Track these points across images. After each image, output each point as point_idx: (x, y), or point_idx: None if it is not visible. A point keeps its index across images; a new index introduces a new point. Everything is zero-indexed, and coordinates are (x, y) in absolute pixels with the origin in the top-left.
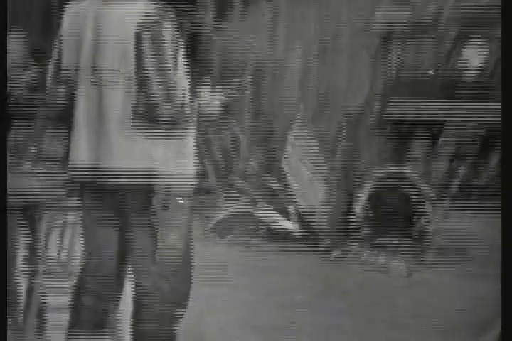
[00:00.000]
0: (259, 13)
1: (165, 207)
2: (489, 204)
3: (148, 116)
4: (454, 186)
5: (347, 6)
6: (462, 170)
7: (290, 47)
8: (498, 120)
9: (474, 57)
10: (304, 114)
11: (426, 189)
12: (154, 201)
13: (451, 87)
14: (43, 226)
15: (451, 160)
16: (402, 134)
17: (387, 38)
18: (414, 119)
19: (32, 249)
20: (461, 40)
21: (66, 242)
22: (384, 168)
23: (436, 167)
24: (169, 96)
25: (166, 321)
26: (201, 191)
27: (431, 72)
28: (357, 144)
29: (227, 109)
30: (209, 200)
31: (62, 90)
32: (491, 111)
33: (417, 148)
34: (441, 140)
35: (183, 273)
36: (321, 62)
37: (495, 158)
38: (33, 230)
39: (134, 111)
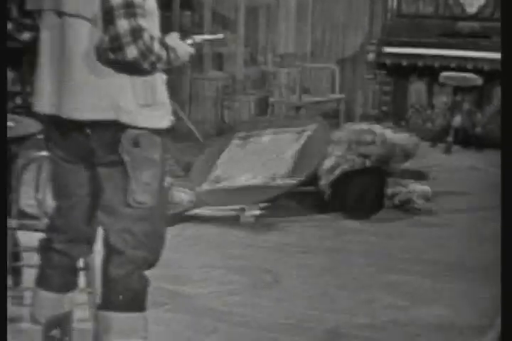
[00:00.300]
0: None
1: (135, 143)
2: (487, 155)
3: (113, 53)
4: (450, 136)
5: None
6: (458, 120)
7: None
8: (496, 67)
9: None
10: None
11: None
12: (123, 137)
13: (451, 23)
14: (19, 163)
15: (448, 109)
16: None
17: None
18: (409, 66)
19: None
20: None
21: (42, 180)
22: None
23: (432, 116)
24: (136, 37)
25: (138, 266)
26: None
27: None
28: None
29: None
30: None
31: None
32: (487, 60)
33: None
34: (436, 88)
35: (156, 214)
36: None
37: (491, 108)
38: (8, 166)
39: (100, 45)
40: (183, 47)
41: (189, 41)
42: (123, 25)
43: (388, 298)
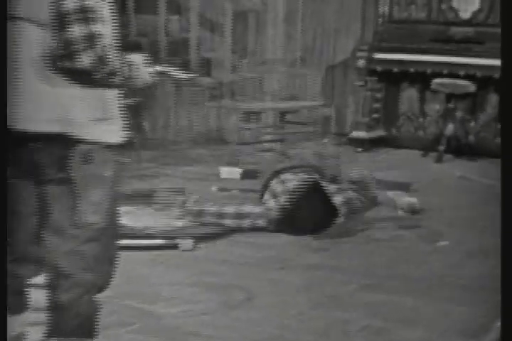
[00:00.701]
0: None
1: (86, 159)
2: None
3: (65, 60)
4: (442, 145)
5: None
6: (451, 128)
7: None
8: (489, 74)
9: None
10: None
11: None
12: (73, 152)
13: (444, 28)
14: None
15: (440, 117)
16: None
17: None
18: (400, 72)
19: None
20: None
21: None
22: None
23: (424, 124)
24: (90, 44)
25: (87, 290)
26: None
27: None
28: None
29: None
30: None
31: None
32: (481, 66)
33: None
34: (428, 95)
35: (107, 236)
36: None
37: (485, 115)
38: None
39: (51, 52)
40: (144, 70)
41: (153, 69)
42: (77, 31)
43: (365, 318)
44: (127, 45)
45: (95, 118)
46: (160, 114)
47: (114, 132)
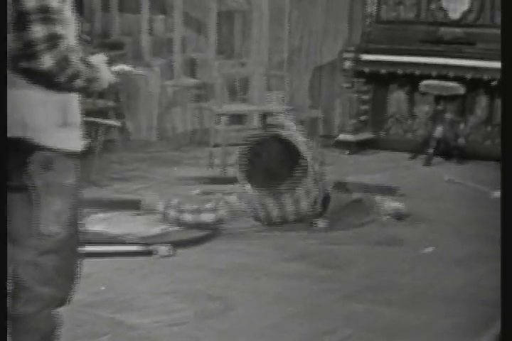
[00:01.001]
0: None
1: (46, 166)
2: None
3: (26, 61)
4: (431, 147)
5: None
6: (440, 130)
7: None
8: (479, 76)
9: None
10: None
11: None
12: (33, 159)
13: (434, 29)
14: None
15: (429, 119)
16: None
17: None
18: (388, 74)
19: None
20: None
21: None
22: None
23: (413, 126)
24: (52, 44)
25: (47, 304)
26: None
27: None
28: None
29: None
30: None
31: None
32: (470, 68)
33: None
34: (417, 97)
35: (68, 247)
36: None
37: (475, 118)
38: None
39: (12, 52)
40: (106, 70)
41: (115, 68)
42: (38, 31)
43: (345, 329)
44: (109, 44)
45: (56, 123)
46: (143, 115)
47: (75, 139)
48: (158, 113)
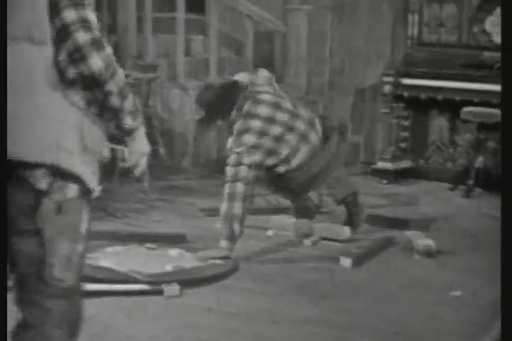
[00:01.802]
0: None
1: (59, 209)
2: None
3: (75, 66)
4: (471, 178)
5: None
6: (481, 160)
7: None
8: None
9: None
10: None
11: None
12: (47, 201)
13: (476, 53)
14: None
15: (471, 148)
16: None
17: None
18: (428, 99)
19: None
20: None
21: None
22: None
23: (455, 155)
24: (98, 46)
25: None
26: None
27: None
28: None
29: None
30: None
31: None
32: None
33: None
34: (459, 125)
35: (78, 293)
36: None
37: None
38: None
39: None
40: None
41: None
42: (82, 36)
43: None
44: (142, 66)
45: (83, 150)
46: (178, 140)
47: (95, 176)
48: (193, 138)
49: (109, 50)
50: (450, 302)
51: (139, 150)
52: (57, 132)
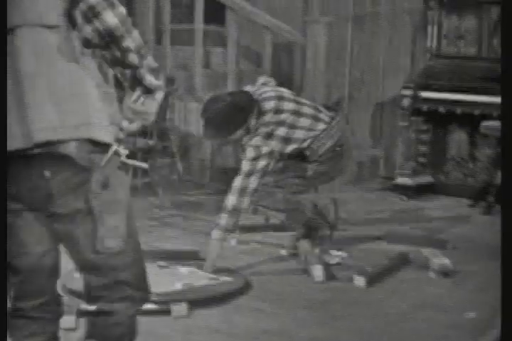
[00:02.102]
0: None
1: (104, 184)
2: None
3: (113, 45)
4: (491, 195)
5: None
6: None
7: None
8: None
9: None
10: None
11: None
12: (93, 178)
13: (496, 66)
14: None
15: (491, 163)
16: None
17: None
18: (447, 113)
19: None
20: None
21: None
22: None
23: (475, 170)
24: (127, 27)
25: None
26: None
27: None
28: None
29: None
30: None
31: None
32: None
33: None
34: (479, 139)
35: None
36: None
37: None
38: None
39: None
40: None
41: None
42: (110, 17)
43: None
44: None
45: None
46: (195, 154)
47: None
48: (210, 152)
49: (122, 9)
50: (463, 325)
51: (149, 110)
52: (83, 106)
